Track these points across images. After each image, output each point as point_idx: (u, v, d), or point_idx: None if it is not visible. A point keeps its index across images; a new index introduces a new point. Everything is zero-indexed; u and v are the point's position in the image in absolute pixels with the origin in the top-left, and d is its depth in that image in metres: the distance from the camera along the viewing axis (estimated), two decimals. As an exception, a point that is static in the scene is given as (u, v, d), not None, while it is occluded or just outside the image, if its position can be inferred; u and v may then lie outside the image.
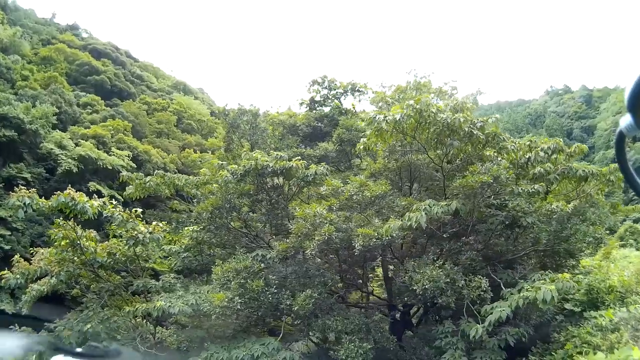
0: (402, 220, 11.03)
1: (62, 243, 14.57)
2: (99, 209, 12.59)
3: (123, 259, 15.53)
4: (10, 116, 38.33)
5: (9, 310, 28.05)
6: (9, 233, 35.68)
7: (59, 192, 12.63)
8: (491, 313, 10.36)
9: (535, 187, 13.05)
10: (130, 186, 17.19)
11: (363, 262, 14.27)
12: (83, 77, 53.41)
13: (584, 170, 13.87)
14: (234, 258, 12.40)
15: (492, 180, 12.21)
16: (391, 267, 15.90)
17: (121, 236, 13.88)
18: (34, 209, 12.67)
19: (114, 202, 13.04)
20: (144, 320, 15.89)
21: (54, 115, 42.29)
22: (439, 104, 13.71)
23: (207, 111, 61.06)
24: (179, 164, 43.75)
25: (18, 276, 13.37)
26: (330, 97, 22.02)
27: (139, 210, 13.20)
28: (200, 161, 42.06)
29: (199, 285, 14.91)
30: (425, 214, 10.82)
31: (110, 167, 39.35)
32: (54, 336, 15.41)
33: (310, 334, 12.24)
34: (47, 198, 13.16)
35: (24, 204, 12.29)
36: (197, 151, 46.45)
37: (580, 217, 13.81)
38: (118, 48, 61.97)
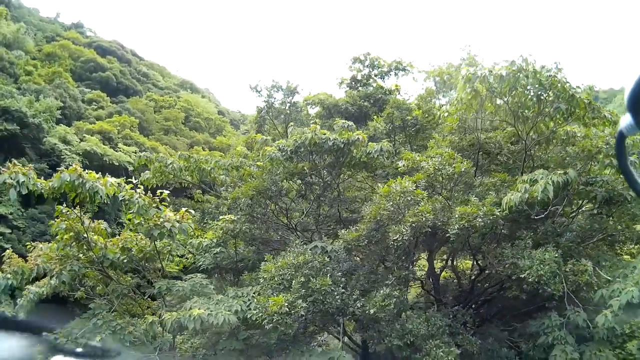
0: (520, 192, 8.20)
1: (65, 236, 11.34)
2: (114, 190, 9.32)
3: (140, 255, 12.28)
4: (12, 109, 34.99)
5: (9, 312, 24.79)
6: (9, 231, 32.27)
7: (62, 168, 9.42)
8: (611, 297, 8.87)
9: (631, 160, 10.80)
10: (147, 172, 13.99)
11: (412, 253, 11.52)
12: (88, 74, 49.92)
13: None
14: (289, 252, 9.24)
15: (606, 145, 9.80)
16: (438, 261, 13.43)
17: (140, 226, 10.61)
18: (29, 190, 9.43)
19: (134, 180, 9.78)
20: (161, 328, 12.73)
21: (58, 110, 38.82)
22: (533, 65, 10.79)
23: (215, 109, 57.81)
24: (187, 161, 40.48)
25: (9, 276, 10.09)
26: (373, 76, 19.21)
27: (165, 192, 9.92)
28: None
29: (231, 288, 11.72)
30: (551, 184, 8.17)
31: (117, 163, 35.97)
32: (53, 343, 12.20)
33: (386, 340, 9.19)
34: (49, 196, 10.04)
35: (18, 182, 9.06)
36: (206, 149, 43.20)
37: None
38: (124, 46, 58.55)
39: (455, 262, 14.92)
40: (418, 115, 14.34)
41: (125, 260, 12.14)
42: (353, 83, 19.44)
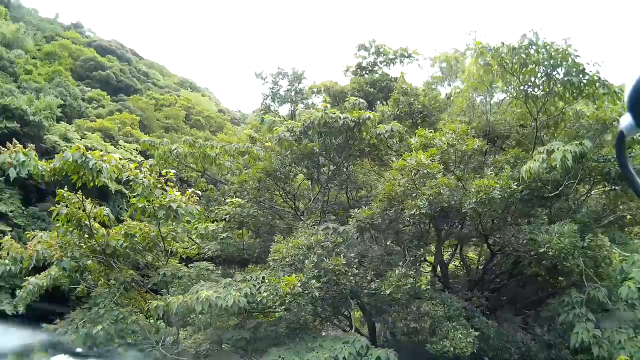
0: (539, 162, 7.88)
1: (66, 224, 10.87)
2: (119, 169, 8.87)
3: (143, 243, 11.83)
4: (12, 107, 34.54)
5: (10, 311, 24.31)
6: (10, 229, 31.70)
7: (65, 147, 9.00)
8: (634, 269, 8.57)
9: None
10: (150, 159, 13.57)
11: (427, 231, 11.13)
12: (88, 73, 49.49)
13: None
14: (301, 232, 8.84)
15: (619, 117, 9.42)
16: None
17: (144, 210, 10.14)
18: (30, 172, 9.00)
19: (138, 157, 9.32)
20: (164, 323, 12.25)
21: (58, 108, 38.34)
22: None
23: (215, 108, 57.42)
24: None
25: (7, 261, 9.61)
26: (378, 63, 18.93)
27: (171, 171, 9.48)
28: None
29: (239, 273, 11.26)
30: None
31: (118, 161, 35.54)
32: (54, 338, 11.73)
33: (402, 323, 8.82)
34: (50, 179, 9.61)
35: (18, 162, 8.63)
36: (207, 146, 42.70)
37: None
38: (123, 45, 58.17)
39: (463, 251, 14.59)
40: (425, 101, 14.02)
41: (127, 249, 11.68)
42: (358, 70, 19.12)
